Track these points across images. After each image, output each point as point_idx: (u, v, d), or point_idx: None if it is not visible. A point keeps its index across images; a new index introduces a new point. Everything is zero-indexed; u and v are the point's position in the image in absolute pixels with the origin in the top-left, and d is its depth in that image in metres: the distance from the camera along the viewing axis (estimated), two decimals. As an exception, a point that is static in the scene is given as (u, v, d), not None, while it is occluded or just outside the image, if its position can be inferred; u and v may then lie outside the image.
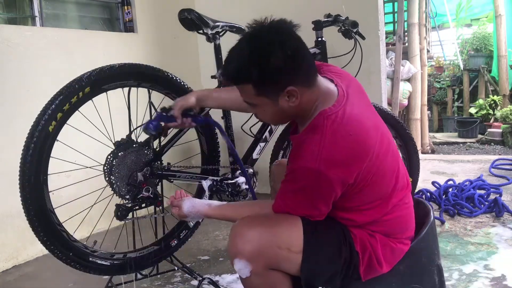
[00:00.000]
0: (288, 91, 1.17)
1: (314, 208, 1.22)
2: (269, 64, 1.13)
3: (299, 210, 1.23)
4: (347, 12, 2.43)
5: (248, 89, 1.19)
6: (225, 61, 1.22)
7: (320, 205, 1.21)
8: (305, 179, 1.17)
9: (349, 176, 1.17)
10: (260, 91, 1.18)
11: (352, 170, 1.17)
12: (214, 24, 1.97)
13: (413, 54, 5.02)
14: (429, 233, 1.39)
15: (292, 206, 1.24)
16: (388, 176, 1.27)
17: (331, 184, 1.16)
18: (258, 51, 1.14)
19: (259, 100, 1.21)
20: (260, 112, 1.27)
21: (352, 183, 1.19)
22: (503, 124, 5.97)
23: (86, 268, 1.68)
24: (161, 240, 1.96)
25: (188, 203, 1.41)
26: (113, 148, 1.72)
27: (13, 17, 2.63)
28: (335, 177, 1.15)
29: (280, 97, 1.18)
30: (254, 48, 1.15)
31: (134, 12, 3.14)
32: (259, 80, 1.16)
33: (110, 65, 1.67)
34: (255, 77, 1.15)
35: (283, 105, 1.20)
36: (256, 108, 1.26)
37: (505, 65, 6.48)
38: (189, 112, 1.64)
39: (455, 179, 3.23)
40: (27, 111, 1.97)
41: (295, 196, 1.22)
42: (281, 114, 1.24)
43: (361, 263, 1.27)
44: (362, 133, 1.18)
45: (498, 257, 2.05)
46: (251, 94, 1.20)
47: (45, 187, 1.56)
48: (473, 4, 8.41)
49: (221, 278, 2.04)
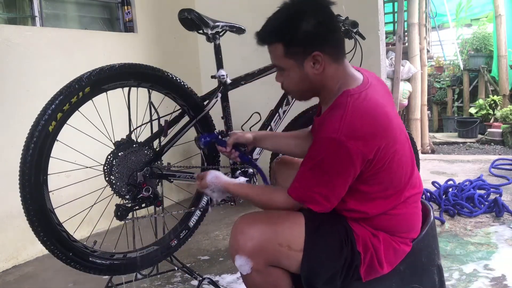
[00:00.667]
0: (314, 56, 1.23)
1: (330, 188, 1.21)
2: (301, 26, 1.22)
3: (314, 189, 1.22)
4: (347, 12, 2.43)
5: (278, 49, 1.25)
6: (263, 26, 1.30)
7: (337, 184, 1.20)
8: (325, 151, 1.19)
9: (369, 151, 1.18)
10: (289, 52, 1.24)
11: (372, 145, 1.18)
12: (214, 24, 1.97)
13: (413, 54, 5.02)
14: (429, 233, 1.39)
15: (307, 185, 1.23)
16: (404, 166, 1.29)
17: (350, 157, 1.16)
18: (293, 14, 1.24)
19: (287, 62, 1.26)
20: (286, 78, 1.30)
21: (371, 159, 1.19)
22: (503, 124, 5.97)
23: (86, 268, 1.68)
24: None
25: (213, 174, 1.47)
26: (113, 148, 1.72)
27: (13, 17, 2.63)
28: (355, 149, 1.16)
29: (306, 61, 1.24)
30: (289, 12, 1.25)
31: (134, 12, 3.14)
32: (289, 39, 1.23)
33: (110, 65, 1.67)
34: (286, 36, 1.23)
35: (308, 71, 1.25)
36: (283, 73, 1.30)
37: (505, 65, 6.48)
38: (241, 147, 1.66)
39: (455, 179, 3.23)
40: (27, 111, 1.97)
41: (312, 173, 1.22)
42: (306, 82, 1.28)
43: (362, 264, 1.27)
44: (383, 115, 1.22)
45: (498, 257, 2.05)
46: (280, 55, 1.25)
47: (45, 187, 1.56)
48: (473, 4, 8.41)
49: (221, 278, 2.04)
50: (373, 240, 1.28)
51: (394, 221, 1.29)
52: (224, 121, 2.08)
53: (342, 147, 1.16)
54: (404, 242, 1.32)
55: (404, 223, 1.32)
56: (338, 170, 1.19)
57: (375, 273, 1.29)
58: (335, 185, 1.21)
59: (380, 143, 1.19)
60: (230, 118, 2.09)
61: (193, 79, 3.35)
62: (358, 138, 1.16)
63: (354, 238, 1.27)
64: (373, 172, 1.22)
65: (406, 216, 1.32)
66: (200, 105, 1.96)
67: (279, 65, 1.29)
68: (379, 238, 1.28)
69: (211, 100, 1.98)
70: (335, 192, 1.22)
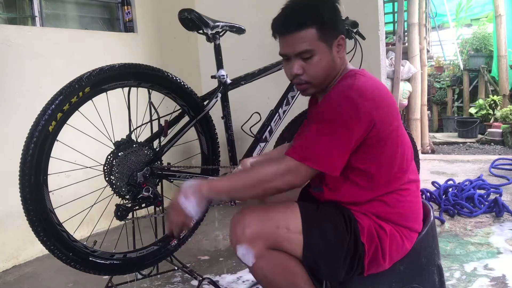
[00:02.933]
0: (340, 39, 1.30)
1: (334, 144, 1.19)
2: (329, 10, 1.27)
3: (317, 146, 1.20)
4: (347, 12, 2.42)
5: (310, 33, 1.25)
6: (282, 14, 1.29)
7: (341, 139, 1.19)
8: (334, 108, 1.21)
9: (376, 113, 1.21)
10: (322, 35, 1.26)
11: (380, 108, 1.22)
12: (214, 24, 1.97)
13: (413, 54, 5.02)
14: (429, 233, 1.39)
15: (309, 142, 1.21)
16: (407, 145, 1.32)
17: (357, 113, 1.18)
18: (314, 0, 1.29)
19: (319, 46, 1.26)
20: (313, 64, 1.28)
21: (377, 123, 1.21)
22: (503, 124, 5.97)
23: (86, 268, 1.68)
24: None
25: (184, 187, 1.25)
26: (113, 148, 1.72)
27: (13, 17, 2.63)
28: (363, 107, 1.19)
29: (334, 44, 1.29)
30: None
31: (134, 12, 3.14)
32: (323, 22, 1.25)
33: (110, 65, 1.67)
34: (320, 19, 1.25)
35: (334, 54, 1.29)
36: (309, 60, 1.28)
37: (505, 65, 6.48)
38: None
39: (455, 179, 3.23)
40: (27, 111, 1.97)
41: (317, 133, 1.21)
42: (330, 67, 1.30)
43: (367, 255, 1.26)
44: (388, 93, 1.30)
45: (498, 257, 2.05)
46: (313, 39, 1.25)
47: (45, 187, 1.56)
48: (473, 4, 8.41)
49: (221, 278, 2.04)
50: (379, 232, 1.27)
51: (400, 207, 1.29)
52: (224, 121, 2.08)
53: (353, 103, 1.19)
54: (409, 235, 1.31)
55: (410, 212, 1.32)
56: (344, 125, 1.19)
57: (377, 266, 1.28)
58: (340, 141, 1.20)
59: (387, 110, 1.24)
60: (230, 118, 2.09)
61: (193, 79, 3.35)
62: (368, 99, 1.20)
63: (358, 228, 1.26)
64: (376, 140, 1.23)
65: (411, 204, 1.32)
66: (200, 105, 1.96)
67: (311, 49, 1.26)
68: (385, 231, 1.27)
69: (211, 100, 1.98)
70: (339, 150, 1.20)
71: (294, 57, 1.29)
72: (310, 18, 1.25)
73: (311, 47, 1.26)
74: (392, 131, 1.26)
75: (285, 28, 1.28)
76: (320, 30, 1.25)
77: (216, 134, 2.07)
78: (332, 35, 1.28)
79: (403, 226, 1.30)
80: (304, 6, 1.28)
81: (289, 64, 1.31)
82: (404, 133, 1.32)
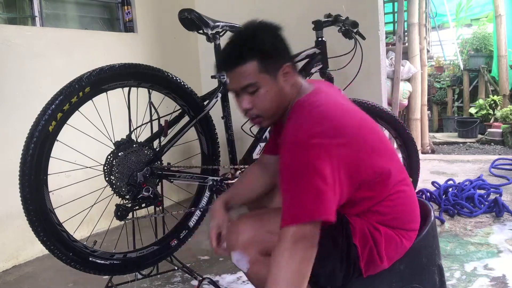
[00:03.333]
0: (285, 68, 1.25)
1: (317, 192, 1.12)
2: (269, 40, 1.24)
3: (306, 203, 1.12)
4: (347, 12, 2.43)
5: (251, 67, 1.22)
6: (223, 52, 1.29)
7: (320, 183, 1.12)
8: (293, 158, 1.15)
9: (330, 143, 1.15)
10: (264, 66, 1.23)
11: (334, 139, 1.15)
12: (214, 24, 1.97)
13: (413, 54, 5.02)
14: (429, 233, 1.39)
15: (295, 202, 1.15)
16: (382, 152, 1.27)
17: (318, 153, 1.13)
18: (256, 32, 1.26)
19: (262, 78, 1.23)
20: (260, 97, 1.25)
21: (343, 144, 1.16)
22: (503, 124, 5.97)
23: (86, 268, 1.68)
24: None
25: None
26: (113, 148, 1.72)
27: (13, 17, 2.63)
28: (317, 144, 1.13)
29: (278, 74, 1.25)
30: (248, 32, 1.27)
31: (134, 12, 3.14)
32: (263, 53, 1.23)
33: (110, 65, 1.67)
34: (259, 51, 1.22)
35: (281, 83, 1.26)
36: (255, 94, 1.24)
37: (505, 65, 6.48)
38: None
39: (455, 179, 3.23)
40: (27, 111, 1.97)
41: (295, 187, 1.14)
42: (280, 97, 1.26)
43: (361, 258, 1.25)
44: (333, 112, 1.21)
45: (498, 257, 2.05)
46: (255, 72, 1.23)
47: (45, 187, 1.56)
48: (473, 4, 8.40)
49: (221, 278, 2.04)
50: (373, 233, 1.25)
51: (394, 213, 1.27)
52: (224, 121, 2.08)
53: (307, 147, 1.13)
54: (407, 235, 1.30)
55: (404, 213, 1.30)
56: (315, 169, 1.12)
57: (375, 267, 1.27)
58: (320, 187, 1.13)
59: (346, 139, 1.18)
60: (230, 118, 2.09)
61: (193, 79, 3.35)
62: (317, 136, 1.14)
63: (350, 230, 1.25)
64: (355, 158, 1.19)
65: (403, 207, 1.30)
66: (200, 105, 1.96)
67: (253, 83, 1.23)
68: (380, 231, 1.26)
69: (211, 100, 1.98)
70: (325, 192, 1.14)
71: (240, 92, 1.27)
72: (249, 52, 1.23)
73: (254, 80, 1.24)
74: (361, 148, 1.20)
75: (227, 65, 1.26)
76: (261, 63, 1.23)
77: (216, 134, 2.07)
78: (276, 65, 1.25)
79: (400, 229, 1.29)
80: (244, 40, 1.26)
81: (238, 99, 1.29)
82: (372, 143, 1.26)
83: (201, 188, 2.07)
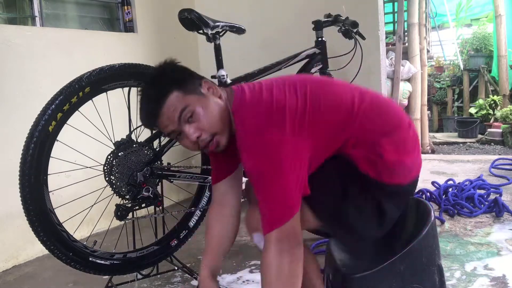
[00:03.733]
0: (204, 83, 1.27)
1: (284, 191, 1.14)
2: (176, 70, 1.30)
3: (277, 207, 1.15)
4: (347, 12, 2.43)
5: (175, 97, 1.22)
6: (142, 106, 1.27)
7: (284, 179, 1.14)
8: (254, 161, 1.16)
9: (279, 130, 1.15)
10: (185, 90, 1.23)
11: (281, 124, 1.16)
12: (214, 24, 1.97)
13: (413, 54, 5.02)
14: (429, 232, 1.38)
15: (268, 209, 1.16)
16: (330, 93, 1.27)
17: (273, 147, 1.14)
18: (164, 67, 1.31)
19: (190, 100, 1.22)
20: (199, 117, 1.22)
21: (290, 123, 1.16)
22: (503, 124, 5.97)
23: (86, 268, 1.68)
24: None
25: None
26: (113, 148, 1.72)
27: (13, 17, 2.63)
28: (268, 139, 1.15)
29: (202, 90, 1.26)
30: (160, 70, 1.31)
31: (134, 12, 3.14)
32: (179, 79, 1.25)
33: (110, 65, 1.67)
34: (175, 78, 1.25)
35: (210, 97, 1.26)
36: (194, 115, 1.22)
37: (505, 65, 6.48)
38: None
39: (455, 179, 3.23)
40: (27, 111, 1.97)
41: (263, 191, 1.16)
42: (216, 109, 1.24)
43: (377, 176, 1.25)
44: (266, 97, 1.22)
45: (498, 257, 2.05)
46: (181, 99, 1.22)
47: (45, 187, 1.56)
48: (473, 4, 8.41)
49: (221, 278, 2.04)
50: (374, 149, 1.24)
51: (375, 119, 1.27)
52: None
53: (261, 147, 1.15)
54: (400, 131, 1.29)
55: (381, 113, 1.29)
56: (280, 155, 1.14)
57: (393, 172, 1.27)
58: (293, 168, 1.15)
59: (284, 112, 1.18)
60: (230, 118, 2.08)
61: (193, 79, 3.34)
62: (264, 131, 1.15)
63: (353, 161, 1.25)
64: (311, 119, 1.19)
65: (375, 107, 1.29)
66: (200, 105, 1.95)
67: (186, 106, 1.21)
68: (378, 144, 1.25)
69: (211, 100, 1.97)
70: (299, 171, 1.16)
71: (180, 126, 1.22)
72: (165, 87, 1.23)
73: (184, 104, 1.22)
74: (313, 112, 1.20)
75: (152, 112, 1.23)
76: (180, 89, 1.23)
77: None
78: (195, 85, 1.26)
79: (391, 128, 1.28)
80: (155, 83, 1.27)
81: (183, 137, 1.25)
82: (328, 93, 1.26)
83: (201, 188, 2.07)
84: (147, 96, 1.26)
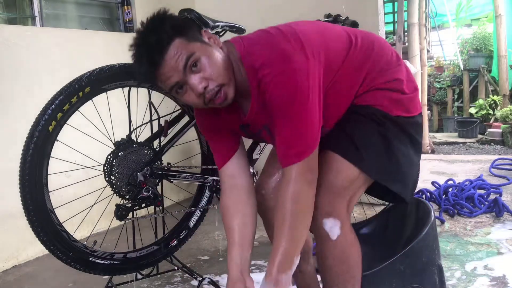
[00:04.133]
0: (204, 32, 1.18)
1: (312, 123, 1.12)
2: (176, 18, 1.19)
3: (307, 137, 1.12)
4: (347, 12, 2.43)
5: (178, 43, 1.12)
6: (141, 56, 1.16)
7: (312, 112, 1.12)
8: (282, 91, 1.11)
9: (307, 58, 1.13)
10: (188, 38, 1.13)
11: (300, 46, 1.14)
12: (214, 24, 1.97)
13: (413, 54, 5.02)
14: (429, 233, 1.39)
15: (296, 138, 1.12)
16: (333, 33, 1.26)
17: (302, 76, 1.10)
18: (163, 16, 1.18)
19: (194, 47, 1.13)
20: (206, 63, 1.13)
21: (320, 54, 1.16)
22: (503, 124, 5.97)
23: (86, 268, 1.68)
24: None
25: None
26: (113, 148, 1.72)
27: (13, 17, 2.63)
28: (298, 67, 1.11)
29: (204, 39, 1.17)
30: (158, 19, 1.18)
31: (134, 12, 3.13)
32: (181, 26, 1.14)
33: (110, 65, 1.67)
34: (177, 25, 1.14)
35: (213, 45, 1.17)
36: (200, 63, 1.13)
37: (505, 65, 6.48)
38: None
39: (455, 179, 3.23)
40: (27, 111, 1.97)
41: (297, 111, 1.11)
42: (222, 57, 1.16)
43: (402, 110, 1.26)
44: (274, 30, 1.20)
45: (498, 257, 2.05)
46: (184, 47, 1.12)
47: (45, 187, 1.56)
48: (473, 4, 8.42)
49: (221, 278, 2.04)
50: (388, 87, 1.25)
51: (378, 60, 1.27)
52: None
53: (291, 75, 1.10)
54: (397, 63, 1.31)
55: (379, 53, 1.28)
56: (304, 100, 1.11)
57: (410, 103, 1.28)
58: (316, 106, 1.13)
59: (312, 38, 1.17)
60: (230, 118, 2.08)
61: (193, 79, 3.34)
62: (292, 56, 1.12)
63: (383, 110, 1.24)
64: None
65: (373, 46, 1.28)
66: (200, 105, 1.95)
67: (191, 54, 1.12)
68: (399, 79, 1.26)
69: (211, 100, 1.97)
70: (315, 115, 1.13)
71: (185, 77, 1.12)
72: (167, 34, 1.12)
73: (189, 52, 1.12)
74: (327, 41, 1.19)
75: (154, 60, 1.12)
76: (183, 36, 1.13)
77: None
78: (196, 33, 1.16)
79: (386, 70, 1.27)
80: (154, 33, 1.14)
81: (187, 90, 1.14)
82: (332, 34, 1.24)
83: (201, 188, 2.07)
84: (147, 44, 1.13)
